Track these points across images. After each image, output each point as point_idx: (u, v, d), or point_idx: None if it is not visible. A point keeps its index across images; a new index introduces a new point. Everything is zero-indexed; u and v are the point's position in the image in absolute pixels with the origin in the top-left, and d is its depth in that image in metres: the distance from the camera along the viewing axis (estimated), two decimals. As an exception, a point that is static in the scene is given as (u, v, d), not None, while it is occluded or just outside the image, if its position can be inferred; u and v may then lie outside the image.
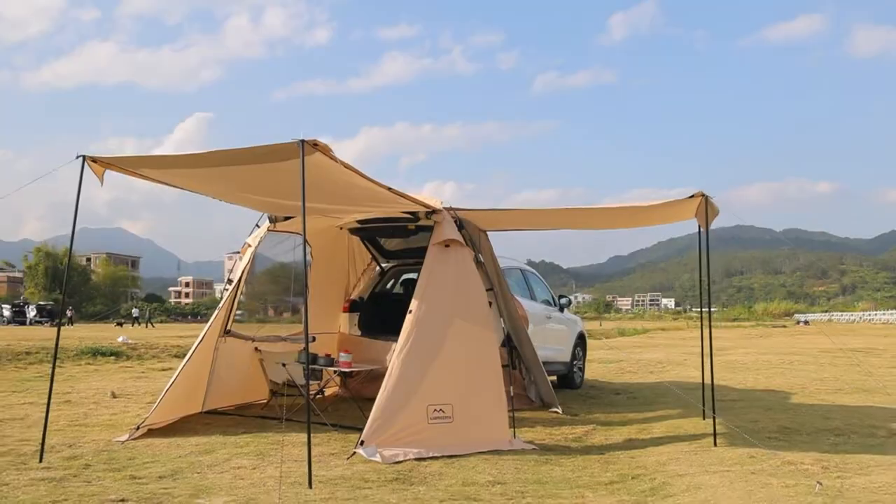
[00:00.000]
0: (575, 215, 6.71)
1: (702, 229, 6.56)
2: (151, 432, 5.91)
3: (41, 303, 55.05)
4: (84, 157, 4.78)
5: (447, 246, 6.07)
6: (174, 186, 5.42)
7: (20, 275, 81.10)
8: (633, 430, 6.68)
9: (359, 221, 7.80)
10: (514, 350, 7.39)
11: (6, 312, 48.12)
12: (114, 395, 8.24)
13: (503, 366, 6.09)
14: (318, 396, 7.45)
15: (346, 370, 6.50)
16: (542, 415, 7.45)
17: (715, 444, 5.78)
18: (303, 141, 4.37)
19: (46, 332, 26.01)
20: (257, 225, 7.07)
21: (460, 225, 6.31)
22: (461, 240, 6.12)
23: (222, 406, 7.16)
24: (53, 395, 8.55)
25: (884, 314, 65.40)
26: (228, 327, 7.11)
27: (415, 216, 6.36)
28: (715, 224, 6.08)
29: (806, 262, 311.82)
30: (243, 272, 7.03)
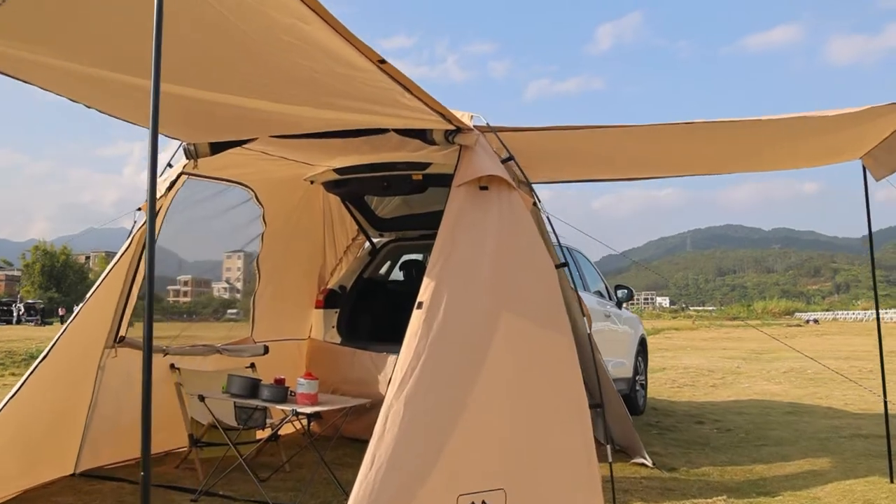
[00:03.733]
0: (718, 134, 4.09)
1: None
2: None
3: (30, 301, 52.32)
4: None
5: (484, 188, 3.35)
6: None
7: (19, 273, 79.03)
8: (789, 502, 4.02)
9: (337, 171, 5.12)
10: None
11: None
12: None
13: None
14: (272, 442, 4.75)
15: (307, 411, 3.63)
16: (623, 468, 4.76)
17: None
18: None
19: (28, 332, 24.04)
20: (170, 164, 4.37)
21: (507, 157, 3.59)
22: (508, 178, 3.38)
23: (110, 463, 4.43)
24: None
25: (894, 313, 63.27)
26: (122, 333, 4.42)
27: (427, 138, 3.55)
28: (704, 222, 3.55)
29: (798, 261, 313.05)
30: (144, 239, 4.33)
